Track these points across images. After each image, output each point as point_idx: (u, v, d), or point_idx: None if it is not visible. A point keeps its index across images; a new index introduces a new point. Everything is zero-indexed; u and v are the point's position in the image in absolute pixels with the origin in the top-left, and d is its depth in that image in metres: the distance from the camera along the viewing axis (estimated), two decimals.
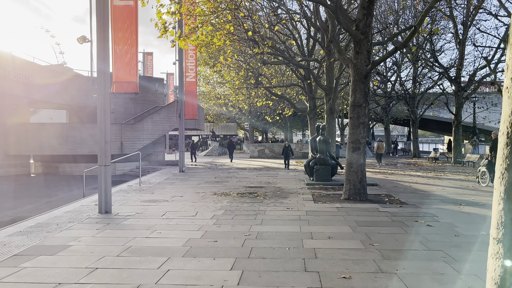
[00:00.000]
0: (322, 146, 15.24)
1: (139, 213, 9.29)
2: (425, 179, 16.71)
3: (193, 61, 21.26)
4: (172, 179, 17.36)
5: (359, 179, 11.17)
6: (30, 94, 21.64)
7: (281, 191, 13.22)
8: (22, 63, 21.81)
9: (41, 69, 23.94)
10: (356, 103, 11.09)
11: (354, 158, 11.19)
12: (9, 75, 20.48)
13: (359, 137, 11.15)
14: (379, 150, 26.11)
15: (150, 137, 25.83)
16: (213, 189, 13.67)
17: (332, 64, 19.27)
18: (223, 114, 50.15)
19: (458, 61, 26.62)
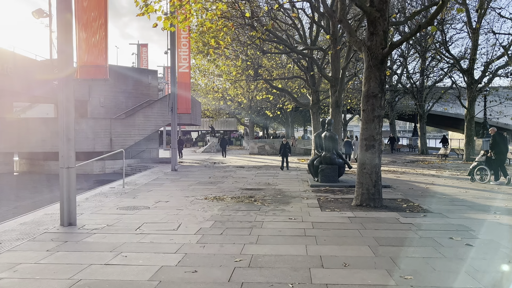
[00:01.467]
0: (328, 143, 13.59)
1: (110, 226, 7.66)
2: (441, 179, 15.06)
3: (186, 50, 19.59)
4: (162, 179, 15.74)
5: (374, 182, 9.52)
6: (11, 87, 20.00)
7: (282, 194, 11.59)
8: None
9: (24, 61, 22.26)
10: (371, 93, 9.42)
11: (368, 157, 9.54)
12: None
13: (373, 133, 9.49)
14: None
15: (142, 132, 24.20)
16: (205, 192, 12.04)
17: (338, 53, 17.61)
18: (222, 109, 48.46)
19: (471, 51, 24.88)
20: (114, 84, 24.66)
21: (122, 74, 25.18)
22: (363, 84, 9.65)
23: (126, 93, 25.13)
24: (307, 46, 19.97)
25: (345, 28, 9.94)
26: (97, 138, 22.56)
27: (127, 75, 25.41)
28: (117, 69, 25.26)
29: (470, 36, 25.06)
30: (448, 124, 71.81)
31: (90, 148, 22.25)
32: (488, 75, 24.88)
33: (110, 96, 24.44)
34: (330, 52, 17.41)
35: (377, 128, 9.50)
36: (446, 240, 6.52)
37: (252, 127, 51.63)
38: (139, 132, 24.01)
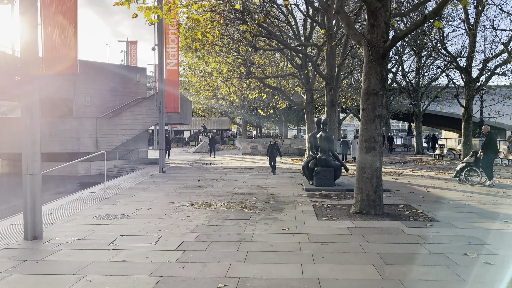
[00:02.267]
0: (324, 143, 12.80)
1: (80, 239, 6.80)
2: (442, 182, 14.34)
3: (175, 47, 18.70)
4: (148, 182, 14.86)
5: (374, 187, 8.74)
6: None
7: (275, 200, 10.77)
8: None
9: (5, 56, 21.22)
10: (371, 91, 8.63)
11: (368, 160, 8.75)
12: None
13: (374, 134, 8.70)
14: None
15: (130, 132, 23.27)
16: (192, 197, 11.20)
17: (334, 50, 16.83)
18: (215, 108, 47.56)
19: (469, 49, 24.23)
20: (101, 82, 23.71)
21: (110, 72, 24.22)
22: (363, 81, 8.86)
23: (114, 91, 24.17)
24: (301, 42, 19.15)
25: (343, 20, 9.14)
26: (82, 138, 21.60)
27: (115, 73, 24.46)
28: (104, 67, 24.30)
29: (467, 34, 24.42)
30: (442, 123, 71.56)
31: (75, 149, 21.29)
32: (486, 73, 24.24)
33: (96, 95, 23.48)
34: (325, 48, 16.61)
35: (378, 128, 8.71)
36: (461, 257, 5.73)
37: (245, 127, 50.80)
38: (126, 132, 23.08)
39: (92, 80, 23.13)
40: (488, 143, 13.75)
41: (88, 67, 23.13)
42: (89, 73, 22.99)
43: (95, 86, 23.41)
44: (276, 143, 17.59)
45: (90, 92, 23.23)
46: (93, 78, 23.16)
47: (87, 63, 23.28)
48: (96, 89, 23.44)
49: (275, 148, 17.36)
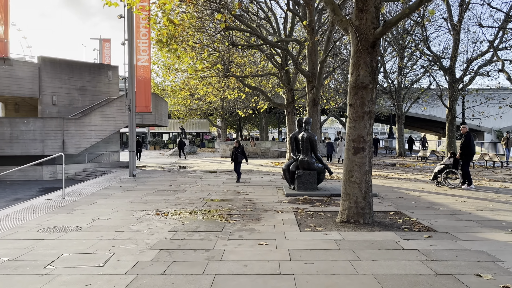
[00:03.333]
0: (306, 144, 11.78)
1: (12, 260, 5.56)
2: (431, 186, 13.49)
3: (146, 41, 17.45)
4: (114, 187, 13.56)
5: (363, 193, 7.73)
6: None
7: (252, 207, 9.67)
8: None
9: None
10: (360, 84, 7.63)
11: (356, 163, 7.74)
12: None
13: (363, 133, 7.70)
14: None
15: (100, 134, 21.84)
16: (160, 205, 10.01)
17: (316, 46, 15.87)
18: (193, 109, 46.18)
19: (453, 48, 23.71)
20: (69, 81, 22.22)
21: (79, 70, 22.75)
22: (350, 73, 7.86)
23: (83, 90, 22.70)
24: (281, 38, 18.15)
25: (328, 5, 8.14)
26: (47, 140, 20.08)
27: (85, 71, 23.00)
28: (73, 64, 22.81)
29: (451, 33, 23.90)
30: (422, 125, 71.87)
31: (39, 151, 19.75)
32: (470, 73, 23.74)
33: (64, 94, 21.97)
34: (307, 43, 15.63)
35: (367, 126, 7.71)
36: (473, 279, 4.74)
37: (225, 129, 49.58)
38: (96, 134, 21.63)
39: (59, 78, 21.64)
40: (467, 143, 13.04)
41: (55, 64, 21.65)
42: (56, 71, 21.51)
43: (63, 85, 21.92)
44: (240, 146, 15.52)
45: (57, 91, 21.72)
46: (61, 76, 21.68)
47: (54, 60, 21.79)
48: (64, 87, 21.94)
49: (239, 151, 15.31)
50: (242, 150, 15.37)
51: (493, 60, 23.05)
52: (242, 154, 15.28)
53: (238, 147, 15.31)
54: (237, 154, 15.17)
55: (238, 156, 15.16)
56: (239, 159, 15.17)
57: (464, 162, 13.16)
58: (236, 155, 15.16)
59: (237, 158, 15.18)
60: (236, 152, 15.21)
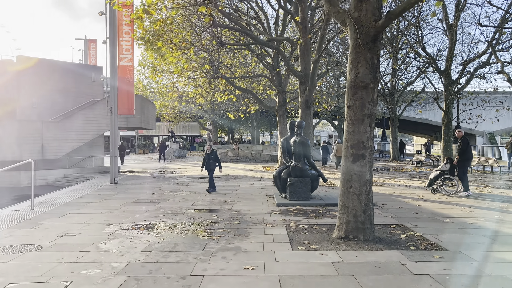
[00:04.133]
0: (299, 149, 10.92)
1: None
2: (430, 193, 12.69)
3: (129, 40, 16.49)
4: (92, 196, 12.57)
5: (363, 206, 6.87)
6: None
7: (240, 219, 8.77)
8: None
9: None
10: (359, 83, 6.79)
11: (355, 171, 6.89)
12: None
13: (363, 138, 6.85)
14: (338, 153, 22.71)
15: (82, 138, 20.80)
16: (138, 217, 9.07)
17: (309, 45, 15.06)
18: (183, 112, 45.20)
19: (449, 50, 23.05)
20: (51, 82, 21.16)
21: (61, 70, 21.69)
22: (348, 71, 7.01)
23: (65, 92, 21.62)
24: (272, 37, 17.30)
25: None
26: (25, 145, 19.01)
27: (67, 72, 21.94)
28: (55, 64, 21.76)
29: (447, 34, 23.25)
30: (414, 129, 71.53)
31: (16, 156, 18.65)
32: (466, 75, 23.09)
33: (44, 96, 20.88)
34: (299, 42, 14.79)
35: (368, 131, 6.87)
36: None
37: (215, 132, 48.62)
38: (78, 137, 20.59)
39: (40, 79, 20.57)
40: (465, 148, 12.35)
41: (35, 65, 20.59)
42: (36, 71, 20.45)
43: (44, 86, 20.85)
44: (213, 151, 13.44)
45: (38, 92, 20.64)
46: (41, 77, 20.61)
47: (34, 60, 20.72)
48: (44, 89, 20.87)
49: (212, 158, 13.23)
50: (216, 156, 13.37)
51: (490, 62, 22.44)
52: (215, 160, 13.33)
53: (210, 153, 13.29)
54: (209, 161, 13.20)
55: (210, 163, 13.18)
56: (212, 167, 13.17)
57: (461, 168, 12.45)
58: (209, 162, 13.18)
59: (210, 165, 13.17)
60: (208, 159, 13.22)
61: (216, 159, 13.35)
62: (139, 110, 22.50)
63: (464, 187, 12.31)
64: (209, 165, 13.22)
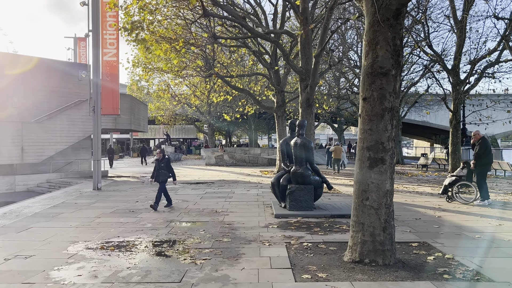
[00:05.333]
0: (300, 152, 9.56)
1: None
2: (446, 201, 11.34)
3: (114, 33, 15.16)
4: (67, 205, 11.18)
5: (383, 222, 5.52)
6: None
7: (231, 234, 7.41)
8: None
9: None
10: (378, 69, 5.45)
11: (373, 180, 5.54)
12: None
13: (382, 138, 5.50)
14: (336, 155, 21.60)
15: (67, 140, 19.42)
16: (111, 232, 7.69)
17: (310, 37, 13.74)
18: (178, 114, 43.80)
19: (456, 47, 21.80)
20: (34, 81, 19.78)
21: (45, 69, 20.30)
22: (364, 56, 5.68)
23: (49, 91, 20.24)
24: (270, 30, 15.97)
25: None
26: (2, 147, 17.60)
27: (52, 70, 20.56)
28: (39, 62, 20.38)
29: (454, 31, 21.99)
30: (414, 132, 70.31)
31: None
32: (476, 72, 21.79)
33: (27, 95, 19.50)
34: (299, 33, 13.46)
35: (388, 129, 5.52)
36: None
37: (212, 134, 47.25)
38: (62, 140, 19.21)
39: (21, 77, 19.20)
40: (482, 152, 11.04)
41: (17, 62, 19.23)
42: (18, 69, 19.07)
43: (26, 85, 19.47)
44: (166, 158, 10.71)
45: (19, 91, 19.26)
46: (23, 76, 19.23)
47: (16, 57, 19.37)
48: (27, 88, 19.49)
49: (162, 166, 10.48)
50: (168, 164, 10.56)
51: (501, 60, 21.18)
52: (167, 169, 10.53)
53: (161, 160, 10.53)
54: (159, 170, 10.43)
55: (160, 173, 10.39)
56: (162, 177, 10.37)
57: (480, 173, 11.14)
58: (159, 172, 10.43)
59: (159, 176, 10.40)
60: (159, 167, 10.48)
61: (169, 168, 10.56)
62: (128, 111, 21.14)
63: (483, 196, 11.00)
64: (159, 176, 10.45)
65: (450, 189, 11.48)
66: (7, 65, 18.79)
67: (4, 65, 18.58)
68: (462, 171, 11.43)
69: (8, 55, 19.16)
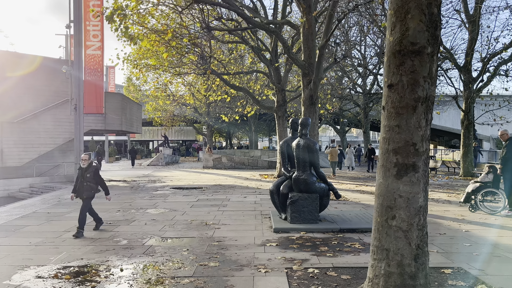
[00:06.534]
0: (303, 155, 8.22)
1: None
2: (465, 210, 9.99)
3: (98, 24, 13.86)
4: (37, 215, 9.84)
5: (414, 248, 4.18)
6: None
7: (220, 256, 6.07)
8: None
9: None
10: (408, 46, 4.11)
11: (402, 193, 4.19)
12: None
13: (414, 138, 4.16)
14: (332, 158, 20.59)
15: (52, 142, 18.12)
16: (75, 252, 6.37)
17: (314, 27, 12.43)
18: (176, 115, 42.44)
19: (468, 43, 20.48)
20: (17, 78, 18.48)
21: (30, 65, 19.00)
22: (390, 29, 4.33)
23: (35, 89, 18.92)
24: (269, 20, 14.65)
25: None
26: None
27: (38, 67, 19.24)
28: (21, 58, 19.09)
29: (466, 26, 20.66)
30: None
31: None
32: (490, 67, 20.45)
33: (10, 94, 18.20)
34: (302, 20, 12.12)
35: (422, 125, 4.17)
36: None
37: (211, 136, 45.89)
38: (46, 141, 17.91)
39: (3, 75, 17.90)
40: (509, 155, 9.70)
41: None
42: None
43: (8, 83, 18.17)
44: (93, 166, 7.95)
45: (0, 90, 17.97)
46: (5, 73, 17.93)
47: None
48: (9, 86, 18.19)
49: (88, 177, 7.74)
50: (96, 174, 7.79)
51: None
52: (96, 181, 7.80)
53: (86, 168, 7.77)
54: (83, 183, 7.73)
55: (85, 186, 7.72)
56: (86, 192, 7.74)
57: (508, 179, 9.81)
58: (82, 184, 7.74)
59: (83, 190, 7.74)
60: (82, 178, 7.73)
61: (97, 180, 7.82)
62: (119, 110, 19.82)
63: (510, 204, 9.68)
64: (82, 190, 7.74)
65: (473, 197, 10.16)
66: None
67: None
68: (487, 177, 10.10)
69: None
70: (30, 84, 18.91)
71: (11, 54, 18.74)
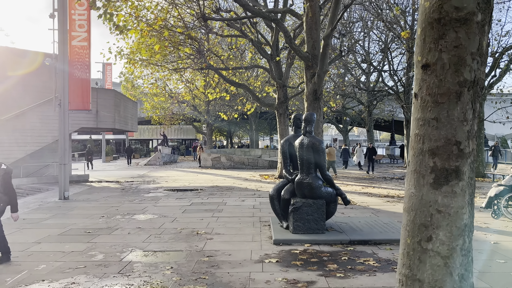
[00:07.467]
0: (308, 155, 7.20)
1: None
2: (491, 217, 9.00)
3: (84, 12, 12.88)
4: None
5: (458, 280, 3.17)
6: None
7: (209, 277, 5.07)
8: None
9: None
10: (451, 11, 3.09)
11: (440, 206, 3.18)
12: None
13: (458, 135, 3.14)
14: (330, 157, 19.52)
15: (39, 140, 17.12)
16: (38, 270, 5.39)
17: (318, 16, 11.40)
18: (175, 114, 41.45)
19: None
20: (4, 74, 17.51)
21: (17, 61, 18.02)
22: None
23: (22, 86, 17.96)
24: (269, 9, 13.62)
25: None
26: None
27: (26, 63, 18.26)
28: (9, 53, 18.12)
29: None
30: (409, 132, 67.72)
31: None
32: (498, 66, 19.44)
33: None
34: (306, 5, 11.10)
35: (468, 119, 3.16)
36: None
37: (210, 135, 44.88)
38: (33, 140, 16.91)
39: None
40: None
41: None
42: None
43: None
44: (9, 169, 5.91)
45: None
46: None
47: None
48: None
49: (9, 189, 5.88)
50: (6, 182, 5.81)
51: None
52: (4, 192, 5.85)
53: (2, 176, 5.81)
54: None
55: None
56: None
57: None
58: None
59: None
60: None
61: (6, 189, 5.85)
62: (112, 107, 18.84)
63: None
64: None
65: (495, 202, 9.17)
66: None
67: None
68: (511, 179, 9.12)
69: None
70: (17, 81, 17.93)
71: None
